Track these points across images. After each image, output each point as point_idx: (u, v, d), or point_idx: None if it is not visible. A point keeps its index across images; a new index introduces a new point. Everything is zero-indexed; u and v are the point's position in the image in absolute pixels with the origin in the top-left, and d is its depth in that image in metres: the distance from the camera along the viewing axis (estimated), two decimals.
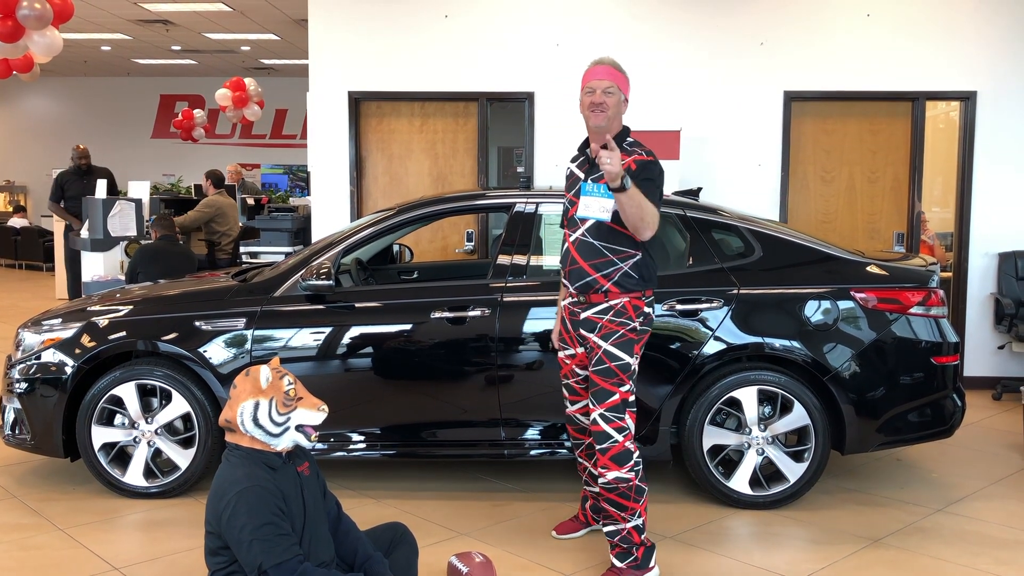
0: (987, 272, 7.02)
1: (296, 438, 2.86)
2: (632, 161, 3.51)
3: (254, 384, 2.84)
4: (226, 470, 2.84)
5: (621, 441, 3.50)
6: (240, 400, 2.83)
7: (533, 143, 7.17)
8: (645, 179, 3.47)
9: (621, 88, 3.63)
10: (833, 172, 7.12)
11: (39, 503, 4.46)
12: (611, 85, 3.60)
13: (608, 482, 3.51)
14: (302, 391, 2.89)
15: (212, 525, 2.82)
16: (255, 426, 2.81)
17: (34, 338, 4.63)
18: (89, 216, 7.90)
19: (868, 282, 4.41)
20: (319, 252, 4.57)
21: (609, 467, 3.50)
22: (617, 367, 3.51)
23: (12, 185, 19.32)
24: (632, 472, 3.50)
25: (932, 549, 3.96)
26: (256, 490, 2.73)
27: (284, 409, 2.83)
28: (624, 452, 3.50)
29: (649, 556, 3.58)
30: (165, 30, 13.39)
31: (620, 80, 3.64)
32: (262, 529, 2.68)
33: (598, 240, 3.54)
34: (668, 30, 7.04)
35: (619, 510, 3.54)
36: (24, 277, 14.96)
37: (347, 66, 7.17)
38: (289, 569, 2.66)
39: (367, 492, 4.62)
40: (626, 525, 3.54)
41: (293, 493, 2.85)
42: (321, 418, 2.89)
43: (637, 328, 3.54)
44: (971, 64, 6.91)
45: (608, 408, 3.51)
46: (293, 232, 8.15)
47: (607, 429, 3.51)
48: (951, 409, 4.48)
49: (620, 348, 3.51)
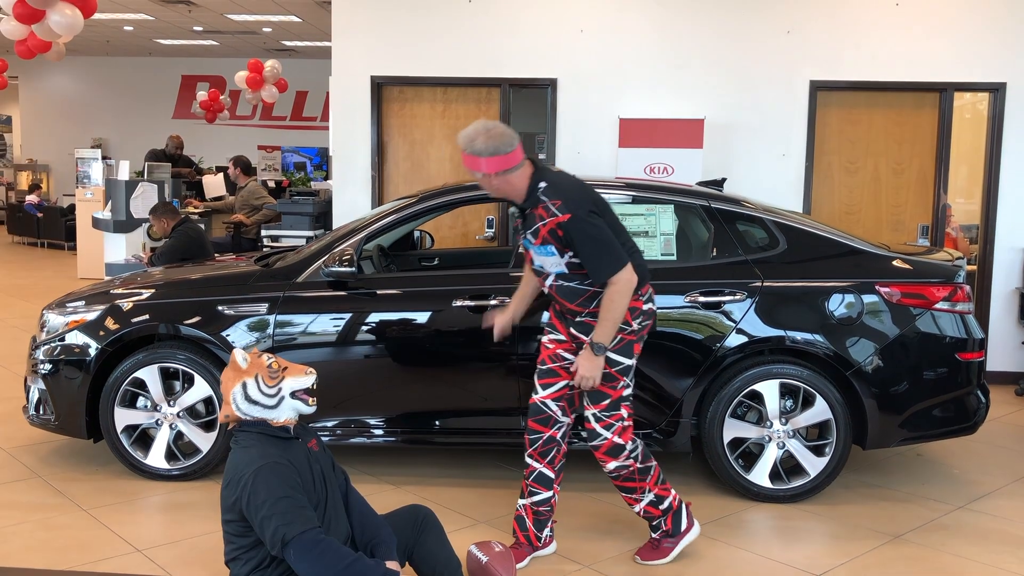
0: (1012, 267, 6.94)
1: (295, 405, 2.90)
2: (556, 225, 3.38)
3: (235, 368, 2.90)
4: (238, 454, 2.87)
5: (609, 438, 3.58)
6: (228, 389, 2.89)
7: (555, 130, 7.13)
8: (580, 245, 3.36)
9: (474, 169, 3.42)
10: (858, 163, 7.05)
11: (63, 483, 4.51)
12: (475, 172, 3.44)
13: (611, 471, 3.65)
14: (284, 363, 2.94)
15: (228, 511, 2.84)
16: (250, 404, 2.87)
17: (58, 320, 4.66)
18: (112, 198, 7.93)
19: (893, 276, 4.37)
20: (342, 238, 4.58)
21: (606, 460, 3.62)
22: (616, 371, 3.56)
23: (35, 164, 19.44)
24: (630, 459, 3.61)
25: (954, 546, 3.94)
26: (271, 466, 2.76)
27: (271, 381, 2.88)
28: (614, 446, 3.59)
29: (679, 521, 3.73)
30: (188, 11, 13.40)
31: (474, 163, 3.40)
32: (280, 502, 2.70)
33: (571, 281, 3.53)
34: (693, 17, 6.98)
35: (629, 493, 3.69)
36: (46, 256, 15.07)
37: (370, 51, 7.15)
38: (311, 540, 2.68)
39: (386, 478, 4.64)
40: (641, 504, 3.69)
41: (306, 468, 2.88)
42: (311, 380, 2.92)
43: (636, 329, 3.56)
44: (1000, 55, 6.82)
45: (601, 409, 3.58)
46: (314, 216, 8.16)
47: (597, 428, 3.59)
48: (975, 406, 4.44)
49: (619, 353, 3.54)
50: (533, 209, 3.46)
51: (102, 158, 12.85)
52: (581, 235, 3.37)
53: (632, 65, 7.03)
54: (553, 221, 3.39)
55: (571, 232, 3.38)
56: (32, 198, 16.68)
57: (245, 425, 2.90)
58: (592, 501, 4.40)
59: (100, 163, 12.50)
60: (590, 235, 3.37)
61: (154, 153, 11.74)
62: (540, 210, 3.42)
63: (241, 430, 2.90)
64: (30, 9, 7.75)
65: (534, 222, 3.47)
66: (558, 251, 3.46)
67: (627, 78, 7.04)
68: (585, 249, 3.38)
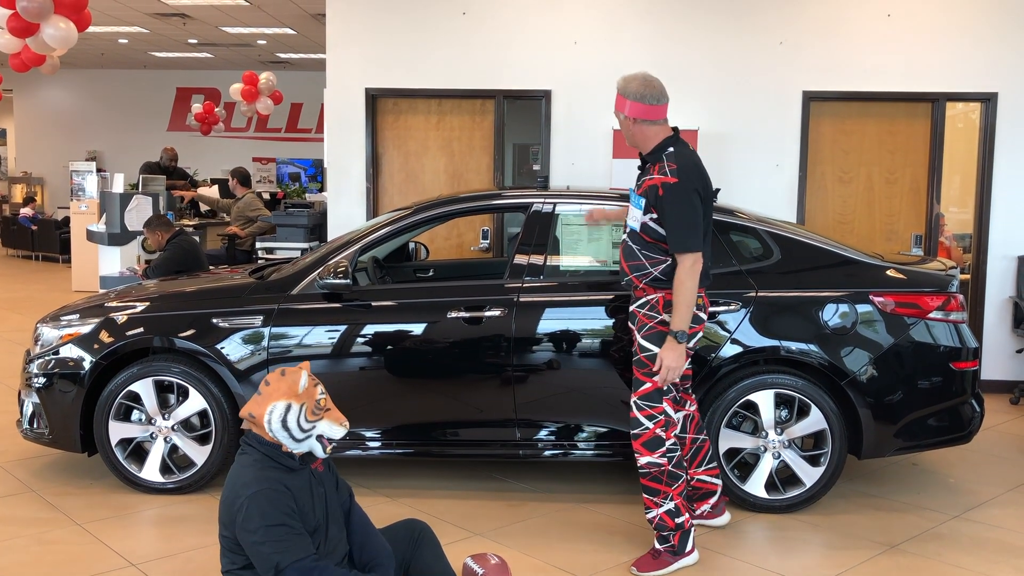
0: (1006, 275, 6.97)
1: (314, 447, 2.87)
2: (660, 184, 3.67)
3: (290, 387, 2.83)
4: (238, 471, 2.84)
5: (652, 428, 3.70)
6: (272, 399, 2.82)
7: (549, 141, 7.15)
8: (671, 208, 3.63)
9: (619, 109, 3.77)
10: (851, 173, 7.08)
11: (56, 497, 4.49)
12: (617, 112, 3.79)
13: (641, 466, 3.74)
14: (330, 403, 2.90)
15: (226, 526, 2.83)
16: (282, 427, 2.81)
17: (52, 333, 4.65)
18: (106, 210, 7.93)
19: (887, 286, 4.38)
20: (336, 250, 4.58)
21: (642, 452, 3.73)
22: (647, 358, 3.71)
23: (30, 177, 19.41)
24: (665, 458, 3.71)
25: (950, 556, 3.94)
26: (266, 492, 2.73)
27: (312, 417, 2.83)
28: (655, 439, 3.70)
29: (685, 541, 3.76)
30: (182, 23, 13.41)
31: (618, 103, 3.77)
32: (275, 530, 2.69)
33: (635, 244, 3.79)
34: (687, 28, 7.01)
35: (652, 495, 3.75)
36: (40, 268, 15.05)
37: (364, 62, 7.17)
38: (306, 568, 2.67)
39: (381, 491, 4.63)
40: (659, 510, 3.74)
41: (307, 492, 2.86)
42: (342, 433, 2.89)
43: (668, 321, 3.69)
44: (992, 65, 6.85)
45: (640, 396, 3.73)
46: (309, 228, 8.16)
47: (639, 416, 3.73)
48: (969, 415, 4.45)
49: (649, 340, 3.71)
50: (652, 164, 3.74)
51: (97, 171, 12.83)
52: (676, 202, 3.63)
53: None
54: (661, 179, 3.66)
55: (669, 195, 3.63)
56: (27, 211, 16.66)
57: (256, 437, 2.87)
58: (589, 512, 4.39)
59: (95, 176, 12.48)
60: (683, 206, 3.63)
61: (149, 166, 11.76)
62: (656, 166, 3.70)
63: (248, 442, 2.87)
64: (24, 22, 7.76)
65: (644, 175, 3.78)
66: (644, 207, 3.71)
67: None
68: (673, 216, 3.62)
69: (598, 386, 4.38)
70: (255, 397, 2.86)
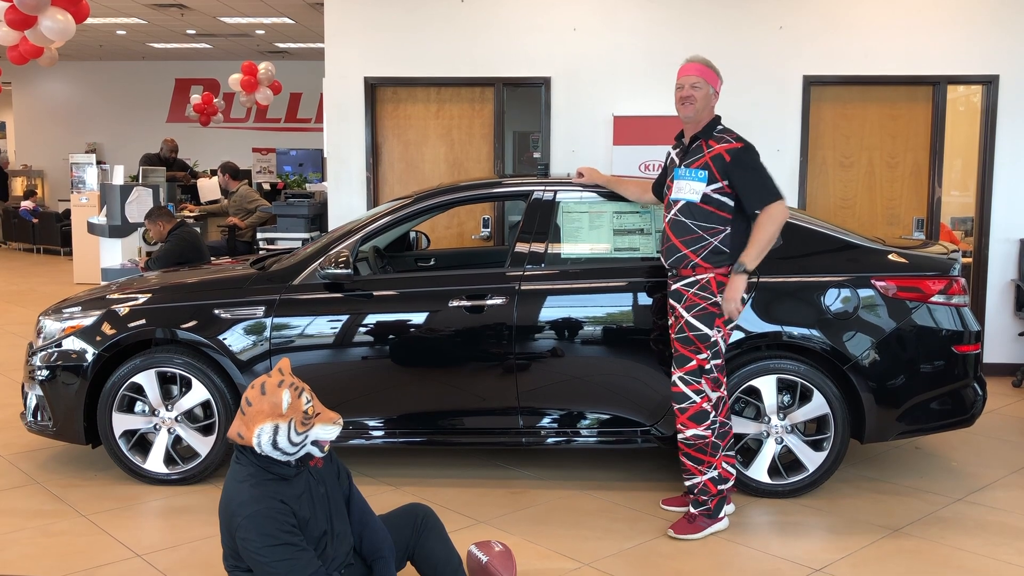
0: (1008, 258, 6.96)
1: (310, 451, 2.83)
2: (724, 152, 3.82)
3: (273, 407, 2.73)
4: (234, 486, 2.78)
5: (699, 402, 3.88)
6: (257, 422, 2.73)
7: (549, 129, 7.13)
8: (743, 171, 3.80)
9: (709, 82, 3.93)
10: (852, 157, 7.06)
11: (61, 489, 4.50)
12: (698, 80, 3.90)
13: (687, 438, 3.92)
14: (318, 406, 2.82)
15: (227, 535, 2.81)
16: (273, 448, 2.75)
17: (55, 326, 4.66)
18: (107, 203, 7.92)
19: (888, 270, 4.37)
20: (337, 240, 4.57)
21: (688, 425, 3.90)
22: (695, 336, 3.87)
23: (29, 170, 19.40)
24: (709, 430, 3.89)
25: (952, 539, 3.95)
26: (264, 512, 2.69)
27: (302, 429, 2.76)
28: (701, 412, 3.88)
29: (720, 507, 3.96)
30: (180, 14, 13.37)
31: (708, 75, 3.93)
32: (278, 550, 2.66)
33: (689, 219, 3.88)
34: (686, 14, 6.98)
35: (696, 464, 3.94)
36: (42, 261, 15.05)
37: (363, 52, 7.15)
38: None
39: (385, 479, 4.64)
40: (703, 477, 3.93)
41: (307, 498, 2.82)
42: (336, 431, 2.83)
43: (720, 303, 3.85)
44: (993, 48, 6.82)
45: (687, 372, 3.89)
46: (310, 218, 8.16)
47: (685, 391, 3.90)
48: (972, 398, 4.45)
49: (700, 320, 3.87)
50: (704, 140, 3.90)
51: (97, 163, 12.82)
52: (749, 164, 3.83)
53: (625, 63, 7.04)
54: (724, 147, 3.83)
55: (739, 159, 3.81)
56: (27, 204, 16.66)
57: (248, 449, 2.80)
58: (592, 499, 4.40)
59: (95, 168, 12.46)
60: (757, 166, 3.84)
61: (148, 157, 11.75)
62: (711, 140, 3.88)
63: (242, 451, 2.81)
64: (22, 15, 7.73)
65: (699, 151, 3.90)
66: (708, 178, 3.82)
67: (620, 76, 7.04)
68: (748, 176, 3.81)
69: (600, 373, 4.38)
70: (239, 416, 2.77)
